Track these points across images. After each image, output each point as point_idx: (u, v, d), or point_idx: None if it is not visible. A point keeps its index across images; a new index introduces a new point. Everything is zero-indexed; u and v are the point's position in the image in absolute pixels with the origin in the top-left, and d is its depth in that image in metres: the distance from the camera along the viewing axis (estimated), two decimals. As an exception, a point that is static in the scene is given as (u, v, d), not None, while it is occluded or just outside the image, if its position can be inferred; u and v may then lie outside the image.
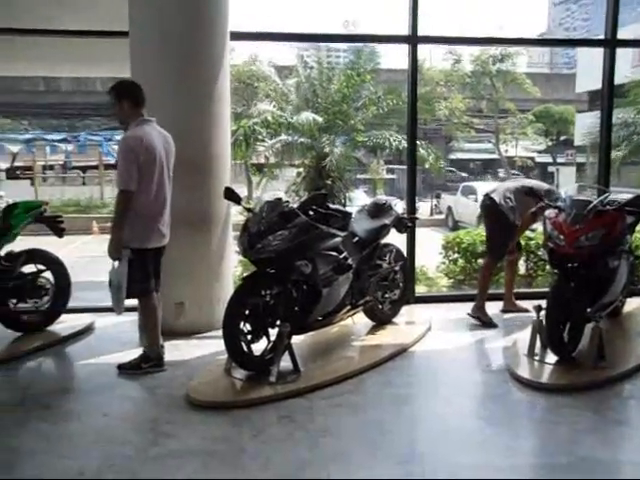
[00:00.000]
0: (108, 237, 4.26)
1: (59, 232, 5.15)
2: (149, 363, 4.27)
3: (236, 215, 6.02)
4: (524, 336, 4.64)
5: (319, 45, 12.73)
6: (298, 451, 3.22)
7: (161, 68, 4.94)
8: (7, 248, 4.92)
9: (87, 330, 5.18)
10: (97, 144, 27.96)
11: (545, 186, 5.51)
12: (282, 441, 3.33)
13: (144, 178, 4.04)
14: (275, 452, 3.21)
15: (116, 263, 4.05)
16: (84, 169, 25.27)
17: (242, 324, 4.03)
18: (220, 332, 4.91)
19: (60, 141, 27.79)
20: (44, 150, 24.55)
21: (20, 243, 5.03)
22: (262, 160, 14.44)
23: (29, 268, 5.02)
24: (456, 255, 7.64)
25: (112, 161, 25.39)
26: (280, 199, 4.34)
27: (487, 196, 5.41)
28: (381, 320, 5.17)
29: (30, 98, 24.85)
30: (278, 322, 4.12)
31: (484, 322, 5.36)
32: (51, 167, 24.57)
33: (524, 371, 4.23)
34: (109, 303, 4.20)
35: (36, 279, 5.00)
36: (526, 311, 5.51)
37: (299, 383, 3.98)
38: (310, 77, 11.63)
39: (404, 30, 5.91)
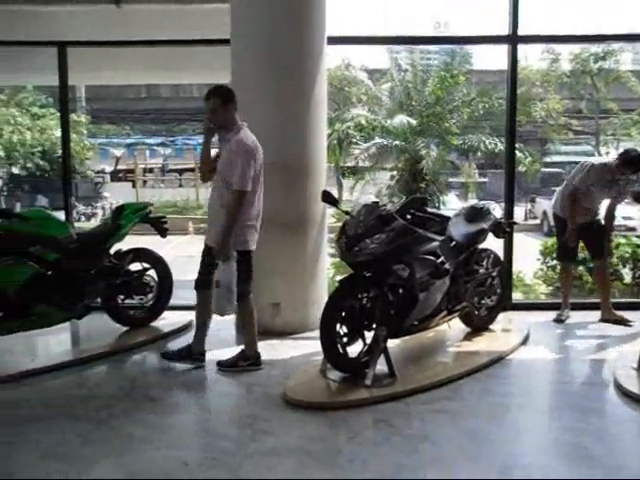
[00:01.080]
0: (203, 238, 4.42)
1: (163, 232, 5.39)
2: (247, 362, 4.38)
3: (328, 217, 6.06)
4: (633, 348, 4.40)
5: (413, 47, 12.64)
6: (395, 456, 3.20)
7: (261, 73, 5.07)
8: (116, 247, 5.19)
9: (187, 327, 5.36)
10: (192, 148, 29.08)
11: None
12: (379, 445, 3.32)
13: (254, 181, 4.18)
14: (372, 455, 3.20)
15: (221, 264, 4.13)
16: (181, 172, 26.30)
17: (338, 326, 4.05)
18: (314, 333, 4.99)
19: (159, 145, 29.10)
20: (144, 154, 25.75)
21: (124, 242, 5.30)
22: (352, 163, 14.49)
23: (135, 266, 5.27)
24: (555, 262, 7.35)
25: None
26: (377, 202, 4.34)
27: None
28: (477, 326, 5.06)
29: (132, 105, 26.14)
30: (374, 325, 4.12)
31: (616, 321, 5.38)
32: (151, 170, 25.73)
33: (633, 385, 4.01)
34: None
35: (142, 277, 5.25)
36: (626, 322, 5.29)
37: (395, 387, 3.95)
38: (404, 80, 11.56)
39: (498, 30, 5.78)
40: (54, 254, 4.66)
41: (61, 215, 5.82)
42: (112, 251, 5.12)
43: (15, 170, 21.78)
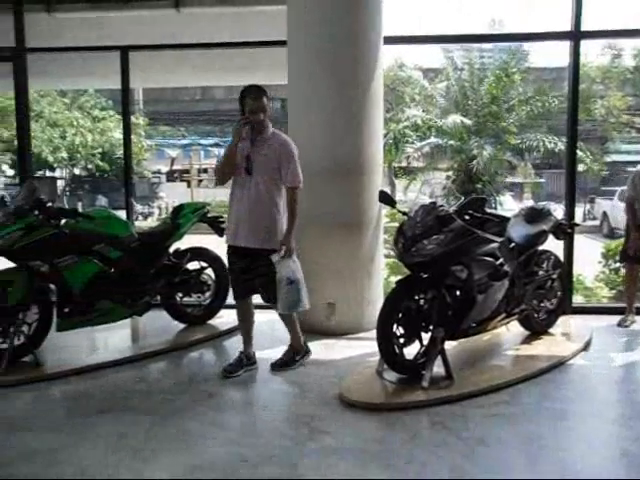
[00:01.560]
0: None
1: (220, 232, 5.45)
2: (299, 354, 4.45)
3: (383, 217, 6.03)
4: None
5: (470, 46, 12.44)
6: (453, 458, 3.16)
7: (318, 74, 5.10)
8: (175, 246, 5.30)
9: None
10: (245, 148, 29.40)
11: None
12: (436, 447, 3.29)
13: None
14: (430, 457, 3.17)
15: (277, 259, 4.15)
16: (234, 172, 26.60)
17: (395, 327, 4.04)
18: (369, 334, 5.00)
19: (212, 146, 29.59)
20: (199, 154, 26.23)
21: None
22: (404, 164, 14.40)
23: (193, 265, 5.38)
24: (618, 264, 7.13)
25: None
26: (435, 203, 4.29)
27: None
28: (536, 330, 4.96)
29: (188, 106, 26.73)
30: (431, 327, 4.09)
31: None
32: (205, 170, 26.15)
33: None
34: (261, 300, 4.37)
35: (200, 275, 5.36)
36: None
37: (452, 390, 3.91)
38: (460, 79, 11.40)
39: (558, 26, 5.64)
40: (117, 252, 4.80)
41: (122, 214, 5.99)
42: (171, 250, 5.24)
43: (76, 171, 22.54)
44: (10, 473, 3.04)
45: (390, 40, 5.67)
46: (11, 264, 4.51)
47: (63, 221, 4.64)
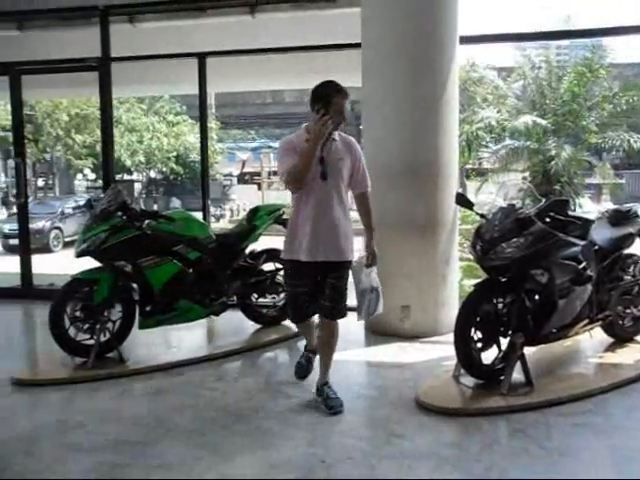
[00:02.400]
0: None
1: (295, 234, 5.53)
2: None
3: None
4: None
5: (548, 43, 12.04)
6: (535, 468, 3.08)
7: (392, 75, 5.08)
8: (250, 247, 5.40)
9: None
10: (315, 151, 29.63)
11: None
12: (517, 455, 3.21)
13: None
14: (511, 466, 3.10)
15: (360, 268, 3.92)
16: (304, 175, 26.84)
17: (473, 331, 3.97)
18: (444, 337, 4.96)
19: (283, 148, 29.83)
20: (269, 157, 26.62)
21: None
22: (476, 165, 14.12)
23: (268, 266, 5.46)
24: None
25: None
26: (514, 205, 4.20)
27: None
28: (621, 337, 4.75)
29: (258, 110, 27.15)
30: (510, 332, 3.99)
31: None
32: (275, 173, 26.50)
33: None
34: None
35: (274, 277, 5.42)
36: None
37: (532, 397, 3.81)
38: (537, 77, 11.04)
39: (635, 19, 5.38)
40: (195, 253, 4.93)
41: (198, 216, 6.14)
42: (247, 251, 5.33)
43: (152, 174, 23.33)
44: (98, 461, 3.18)
45: (465, 40, 5.59)
46: (97, 264, 4.70)
47: (145, 223, 4.81)
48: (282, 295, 5.46)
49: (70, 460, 3.24)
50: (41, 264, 7.71)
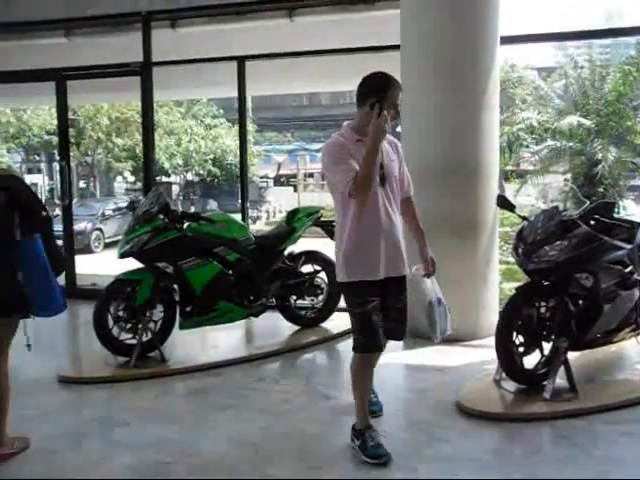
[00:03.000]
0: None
1: (333, 235, 5.53)
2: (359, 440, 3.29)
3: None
4: None
5: (590, 42, 11.78)
6: (582, 476, 3.01)
7: (432, 75, 5.06)
8: (289, 249, 5.42)
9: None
10: (351, 153, 29.65)
11: None
12: (563, 463, 3.14)
13: None
14: (556, 474, 3.04)
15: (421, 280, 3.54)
16: (340, 177, 26.85)
17: (514, 335, 3.92)
18: (485, 341, 4.91)
19: (318, 151, 29.99)
20: (305, 159, 26.74)
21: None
22: (514, 166, 13.91)
23: (307, 268, 5.48)
24: None
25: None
26: (557, 207, 4.14)
27: None
28: (669, 343, 4.62)
29: (295, 112, 27.31)
30: (552, 336, 3.93)
31: None
32: (311, 175, 26.61)
33: None
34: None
35: (313, 278, 5.45)
36: None
37: (577, 403, 3.73)
38: (580, 77, 10.79)
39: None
40: (235, 255, 4.98)
41: (237, 218, 6.20)
42: (286, 253, 5.36)
43: (189, 176, 23.64)
44: (142, 459, 3.23)
45: (506, 40, 5.52)
46: (140, 265, 4.79)
47: (186, 224, 4.89)
48: (321, 297, 5.49)
49: (115, 456, 3.30)
50: (83, 265, 7.87)
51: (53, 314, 3.24)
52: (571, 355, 4.04)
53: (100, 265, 8.77)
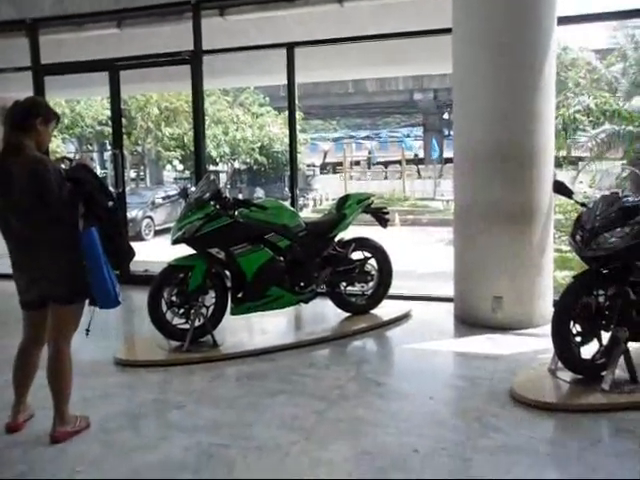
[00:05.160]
0: (411, 229, 4.29)
1: (384, 223, 5.52)
2: None
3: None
4: None
5: (651, 21, 11.28)
6: (648, 471, 2.93)
7: (486, 59, 4.94)
8: (339, 236, 5.41)
9: (405, 317, 5.44)
10: (397, 140, 29.46)
11: None
12: (624, 456, 3.05)
13: None
14: (619, 468, 2.95)
15: None
16: (386, 164, 26.75)
17: (572, 324, 3.82)
18: (539, 329, 4.83)
19: (364, 138, 29.91)
20: (351, 147, 26.65)
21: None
22: (568, 153, 13.50)
23: (357, 255, 5.46)
24: None
25: (412, 156, 26.51)
26: (617, 193, 3.99)
27: None
28: None
29: (340, 100, 27.16)
30: (612, 326, 3.81)
31: None
32: (357, 163, 26.53)
33: None
34: (423, 292, 4.22)
35: (364, 265, 5.42)
36: None
37: (638, 395, 3.62)
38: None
39: None
40: (286, 241, 5.00)
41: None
42: (336, 240, 5.35)
43: (237, 164, 23.84)
44: (198, 441, 3.29)
45: (564, 20, 5.35)
46: (192, 251, 4.85)
47: (238, 211, 4.92)
48: (371, 284, 5.46)
49: (171, 438, 3.37)
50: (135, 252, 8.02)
51: (105, 307, 3.28)
52: (631, 346, 3.91)
53: (151, 252, 8.92)
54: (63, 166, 3.36)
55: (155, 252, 8.09)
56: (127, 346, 5.20)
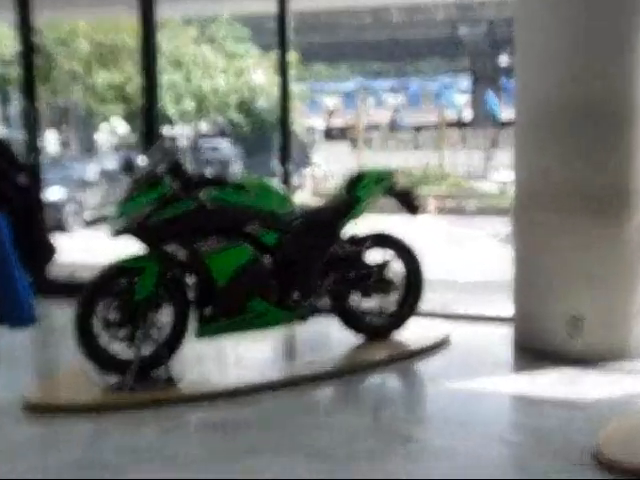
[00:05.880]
0: (451, 220, 4.33)
1: (413, 210, 5.56)
2: None
3: None
4: None
5: None
6: None
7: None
8: (351, 228, 5.44)
9: (443, 344, 5.48)
10: (434, 94, 29.46)
11: None
12: None
13: None
14: None
15: None
16: (417, 128, 26.71)
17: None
18: (635, 364, 4.84)
19: (387, 91, 29.92)
20: (367, 104, 26.64)
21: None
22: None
23: (374, 256, 5.49)
24: None
25: (455, 117, 26.49)
26: None
27: None
28: None
29: (353, 35, 27.22)
30: None
31: None
32: (375, 126, 26.51)
33: None
34: (469, 309, 4.27)
35: (383, 270, 5.45)
36: None
37: None
38: None
39: None
40: (272, 235, 5.05)
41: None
42: (346, 234, 5.38)
43: (204, 126, 23.84)
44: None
45: None
46: (140, 248, 4.87)
47: (205, 192, 4.93)
48: (394, 297, 5.49)
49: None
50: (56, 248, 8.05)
51: (15, 326, 3.28)
52: None
53: (79, 249, 8.97)
54: None
55: (85, 249, 8.15)
56: (43, 383, 5.23)
